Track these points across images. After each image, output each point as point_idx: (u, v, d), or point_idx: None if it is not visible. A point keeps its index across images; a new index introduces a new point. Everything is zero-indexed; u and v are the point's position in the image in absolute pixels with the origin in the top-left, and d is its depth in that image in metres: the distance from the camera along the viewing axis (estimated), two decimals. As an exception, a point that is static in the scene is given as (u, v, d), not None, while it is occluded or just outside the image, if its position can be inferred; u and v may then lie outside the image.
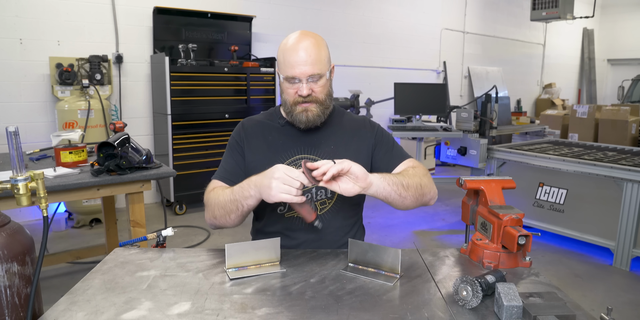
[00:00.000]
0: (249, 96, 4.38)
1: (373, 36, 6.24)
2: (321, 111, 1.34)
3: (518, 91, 8.84)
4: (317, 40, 1.30)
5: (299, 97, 1.30)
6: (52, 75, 3.74)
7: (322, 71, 1.29)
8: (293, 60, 1.26)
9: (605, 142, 4.93)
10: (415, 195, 1.28)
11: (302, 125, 1.34)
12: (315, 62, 1.27)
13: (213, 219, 1.31)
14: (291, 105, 1.32)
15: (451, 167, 6.64)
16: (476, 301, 0.95)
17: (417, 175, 1.31)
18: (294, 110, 1.32)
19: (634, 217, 2.99)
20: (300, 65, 1.26)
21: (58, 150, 2.17)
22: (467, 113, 3.92)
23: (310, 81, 1.29)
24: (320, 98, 1.32)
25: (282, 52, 1.30)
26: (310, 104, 1.31)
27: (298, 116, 1.32)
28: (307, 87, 1.28)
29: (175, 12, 4.33)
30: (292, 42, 1.28)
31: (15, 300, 0.90)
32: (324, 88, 1.32)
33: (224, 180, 1.38)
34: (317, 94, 1.31)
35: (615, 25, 10.53)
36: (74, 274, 2.90)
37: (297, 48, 1.27)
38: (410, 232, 3.81)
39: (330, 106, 1.38)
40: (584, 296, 2.70)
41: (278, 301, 0.98)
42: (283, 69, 1.30)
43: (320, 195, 1.36)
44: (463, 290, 0.97)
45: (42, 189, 0.98)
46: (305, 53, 1.26)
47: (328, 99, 1.35)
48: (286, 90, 1.33)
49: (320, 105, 1.33)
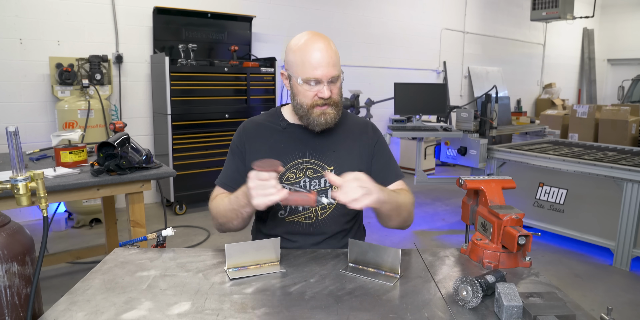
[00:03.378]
0: (249, 96, 4.38)
1: (373, 36, 6.24)
2: (337, 113, 1.33)
3: (518, 91, 8.84)
4: (330, 41, 1.29)
5: (319, 99, 1.28)
6: (52, 75, 3.74)
7: (340, 72, 1.30)
8: (315, 62, 1.24)
9: (605, 142, 4.93)
10: (401, 219, 1.33)
11: (319, 128, 1.32)
12: (336, 64, 1.27)
13: (220, 226, 1.34)
14: (308, 108, 1.30)
15: (451, 167, 6.64)
16: (476, 301, 0.95)
17: (408, 201, 1.35)
18: (312, 114, 1.30)
19: (634, 217, 2.98)
20: (322, 66, 1.24)
21: (58, 150, 2.17)
22: (467, 113, 3.91)
23: (330, 82, 1.28)
24: (337, 100, 1.32)
25: (299, 52, 1.26)
26: (327, 107, 1.30)
27: (316, 119, 1.30)
28: (329, 89, 1.27)
29: (175, 12, 4.33)
30: (309, 43, 1.26)
31: (15, 300, 0.90)
32: (340, 90, 1.33)
33: (225, 186, 1.39)
34: (334, 96, 1.30)
35: (615, 25, 10.53)
36: (74, 274, 2.90)
37: (317, 49, 1.24)
38: (410, 232, 3.81)
39: (342, 108, 1.37)
40: (584, 296, 2.70)
41: (278, 301, 0.98)
42: (302, 71, 1.26)
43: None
44: (463, 290, 0.97)
45: (42, 189, 0.98)
46: (327, 54, 1.25)
47: (341, 101, 1.35)
48: (304, 93, 1.29)
49: (336, 107, 1.32)
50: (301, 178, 1.35)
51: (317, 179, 1.35)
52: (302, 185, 1.34)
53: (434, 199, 4.85)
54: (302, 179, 1.35)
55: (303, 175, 1.35)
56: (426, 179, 4.14)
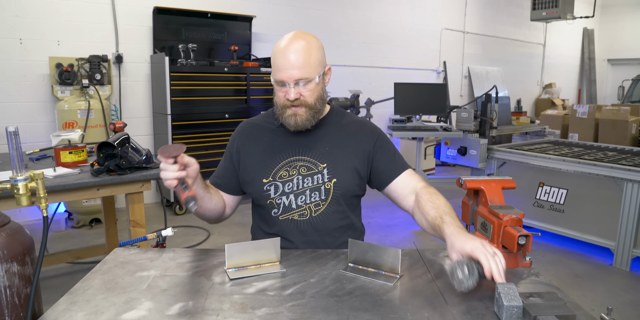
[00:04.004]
0: (249, 96, 4.38)
1: (373, 36, 6.24)
2: (311, 115, 1.32)
3: (518, 91, 8.83)
4: (308, 42, 1.27)
5: (287, 100, 1.29)
6: (52, 75, 3.74)
7: (310, 75, 1.27)
8: (281, 64, 1.26)
9: (605, 142, 4.92)
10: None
11: (291, 128, 1.34)
12: (303, 66, 1.25)
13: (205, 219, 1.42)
14: (281, 108, 1.33)
15: (451, 167, 6.64)
16: (473, 282, 0.94)
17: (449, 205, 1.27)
18: (283, 113, 1.32)
19: (634, 217, 2.98)
20: (287, 69, 1.25)
21: (58, 150, 2.17)
22: (467, 113, 3.92)
23: (298, 85, 1.28)
24: (309, 102, 1.30)
25: (273, 55, 1.29)
26: (298, 108, 1.30)
27: (287, 120, 1.32)
28: (295, 92, 1.27)
29: (175, 12, 4.33)
30: (283, 45, 1.27)
31: (15, 300, 0.90)
32: (313, 92, 1.30)
33: (215, 184, 1.45)
34: (305, 98, 1.29)
35: (615, 25, 10.53)
36: (74, 274, 2.90)
37: (286, 51, 1.25)
38: (410, 232, 3.81)
39: (321, 110, 1.36)
40: (584, 296, 2.70)
41: (278, 301, 0.98)
42: (273, 72, 1.31)
43: (314, 197, 1.36)
44: (458, 271, 0.95)
45: (42, 189, 0.98)
46: (294, 56, 1.24)
47: (319, 103, 1.33)
48: (276, 93, 1.33)
49: (310, 110, 1.31)
50: (294, 175, 1.36)
51: (310, 177, 1.36)
52: (295, 182, 1.36)
53: (434, 199, 4.83)
54: (295, 176, 1.36)
55: (296, 172, 1.36)
56: (426, 179, 4.13)
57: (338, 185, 1.36)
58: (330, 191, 1.36)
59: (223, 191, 1.44)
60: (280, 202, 1.36)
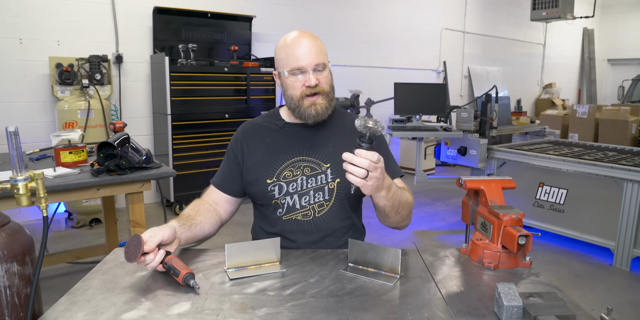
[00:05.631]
0: (249, 96, 4.38)
1: (373, 36, 6.24)
2: (328, 103, 1.35)
3: (518, 91, 8.84)
4: (315, 37, 1.34)
5: (307, 88, 1.30)
6: (52, 75, 3.74)
7: (325, 61, 1.33)
8: (298, 52, 1.29)
9: (605, 142, 4.92)
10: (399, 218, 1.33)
11: (311, 119, 1.34)
12: (320, 52, 1.31)
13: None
14: (298, 100, 1.32)
15: (451, 167, 6.64)
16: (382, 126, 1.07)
17: (409, 200, 1.35)
18: (302, 105, 1.32)
19: (634, 217, 2.98)
20: (305, 55, 1.28)
21: (58, 150, 2.17)
22: (467, 113, 3.91)
23: (316, 71, 1.31)
24: (325, 89, 1.33)
25: (284, 48, 1.32)
26: (316, 97, 1.32)
27: (307, 111, 1.32)
28: (315, 77, 1.30)
29: (175, 12, 4.33)
30: (293, 37, 1.32)
31: (15, 300, 0.90)
32: (328, 79, 1.34)
33: (218, 186, 1.45)
34: (322, 84, 1.32)
35: (615, 25, 10.53)
36: (74, 274, 2.90)
37: (300, 41, 1.30)
38: (410, 232, 3.81)
39: (333, 100, 1.39)
40: (584, 296, 2.70)
41: (278, 301, 0.98)
42: (287, 63, 1.31)
43: (318, 197, 1.36)
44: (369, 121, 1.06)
45: (42, 189, 0.98)
46: (309, 43, 1.30)
47: (332, 92, 1.37)
48: (292, 85, 1.32)
49: (327, 97, 1.34)
50: (298, 176, 1.36)
51: (314, 177, 1.36)
52: (299, 182, 1.36)
53: (434, 199, 4.85)
54: (299, 176, 1.36)
55: (300, 173, 1.36)
56: (426, 179, 4.14)
57: (342, 185, 1.36)
58: (333, 191, 1.36)
59: (228, 194, 1.43)
60: (285, 202, 1.36)
